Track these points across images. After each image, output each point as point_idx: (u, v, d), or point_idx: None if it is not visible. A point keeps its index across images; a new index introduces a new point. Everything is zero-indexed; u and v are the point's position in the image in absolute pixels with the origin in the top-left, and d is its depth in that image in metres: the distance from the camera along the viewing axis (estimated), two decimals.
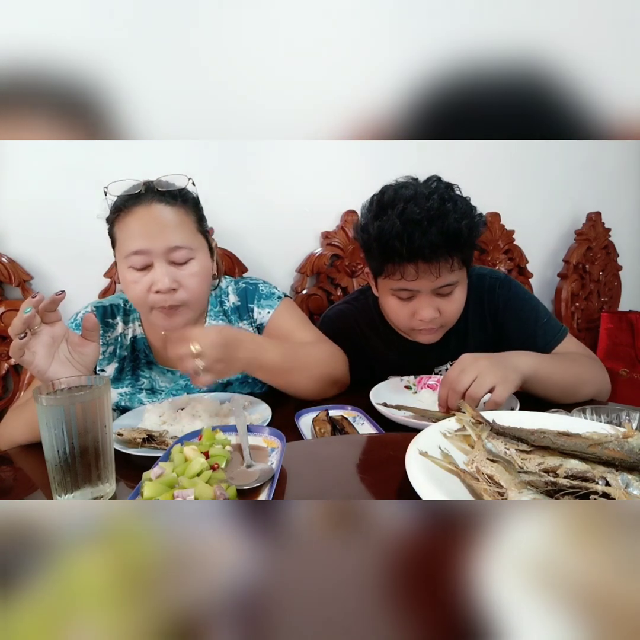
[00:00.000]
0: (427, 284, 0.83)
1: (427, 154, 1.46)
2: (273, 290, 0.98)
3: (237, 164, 1.32)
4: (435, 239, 0.78)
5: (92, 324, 0.68)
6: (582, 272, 1.82)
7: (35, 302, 0.61)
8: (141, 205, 0.80)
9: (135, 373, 0.92)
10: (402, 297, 0.88)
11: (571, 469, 0.42)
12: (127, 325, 0.93)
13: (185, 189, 0.86)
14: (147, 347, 0.93)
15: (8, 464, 0.70)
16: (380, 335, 1.03)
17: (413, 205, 0.80)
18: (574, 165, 1.80)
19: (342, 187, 1.44)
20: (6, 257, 1.12)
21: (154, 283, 0.78)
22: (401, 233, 0.78)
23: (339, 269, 1.43)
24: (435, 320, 0.87)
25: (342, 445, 0.60)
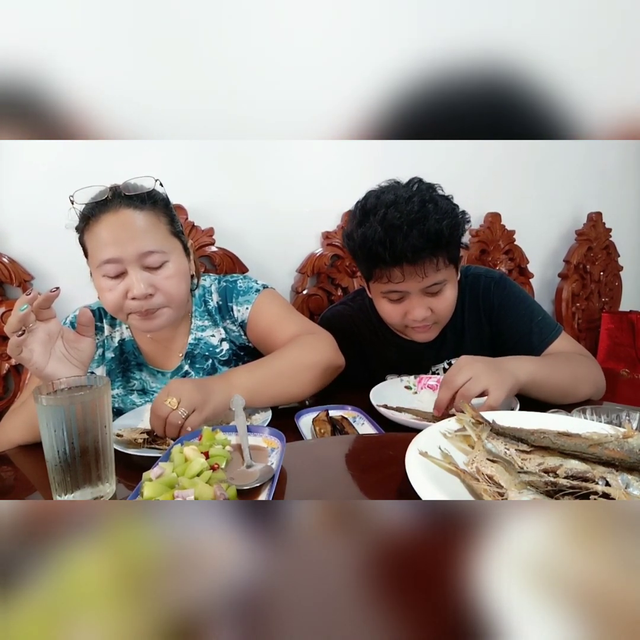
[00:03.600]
0: (414, 285, 0.85)
1: (427, 154, 1.46)
2: (251, 284, 0.95)
3: (237, 164, 1.32)
4: (416, 242, 0.79)
5: (87, 319, 0.68)
6: (583, 273, 1.82)
7: (29, 299, 0.61)
8: (109, 213, 0.77)
9: (126, 375, 0.92)
10: (392, 298, 0.89)
11: (571, 469, 0.42)
12: (114, 328, 0.93)
13: (154, 190, 0.82)
14: (136, 349, 0.93)
15: (8, 464, 0.70)
16: (378, 335, 1.04)
17: (394, 210, 0.81)
18: (575, 165, 1.80)
19: (342, 187, 1.43)
20: (7, 257, 1.12)
21: (129, 290, 0.77)
22: (383, 239, 0.80)
23: (340, 269, 1.43)
24: (428, 319, 0.89)
25: (342, 445, 0.60)
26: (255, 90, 0.41)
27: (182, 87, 0.41)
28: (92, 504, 0.45)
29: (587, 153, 1.82)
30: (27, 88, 0.39)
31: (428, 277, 0.83)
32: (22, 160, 1.12)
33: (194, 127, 0.42)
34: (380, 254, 0.81)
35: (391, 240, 0.79)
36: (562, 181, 1.79)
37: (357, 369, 0.95)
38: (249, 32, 0.39)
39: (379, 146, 1.45)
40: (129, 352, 0.93)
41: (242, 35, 0.40)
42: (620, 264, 1.92)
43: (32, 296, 0.61)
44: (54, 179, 1.15)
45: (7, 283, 1.13)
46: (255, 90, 0.41)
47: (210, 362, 0.94)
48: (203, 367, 0.94)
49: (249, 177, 1.33)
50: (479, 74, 0.40)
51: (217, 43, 0.40)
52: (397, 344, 1.02)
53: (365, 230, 0.83)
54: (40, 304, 0.62)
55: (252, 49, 0.40)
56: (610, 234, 1.87)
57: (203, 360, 0.94)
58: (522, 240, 1.68)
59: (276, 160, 1.36)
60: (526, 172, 1.71)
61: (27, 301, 0.61)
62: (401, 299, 0.88)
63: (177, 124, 0.42)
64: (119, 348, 0.93)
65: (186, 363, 0.93)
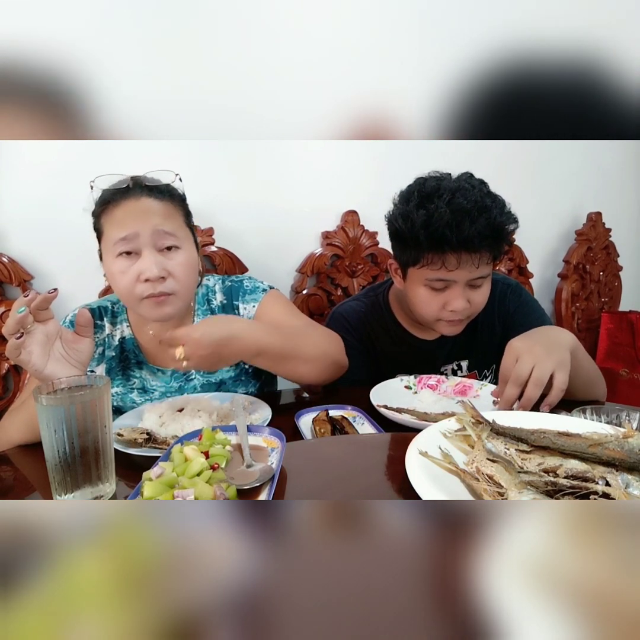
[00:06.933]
0: (465, 275, 0.85)
1: (426, 154, 1.46)
2: (258, 284, 0.97)
3: (237, 164, 1.32)
4: (483, 229, 0.79)
5: (85, 320, 0.68)
6: (583, 273, 1.82)
7: (27, 301, 0.61)
8: (129, 199, 0.80)
9: (126, 373, 0.92)
10: (436, 287, 0.88)
11: (571, 469, 0.42)
12: (115, 326, 0.94)
13: (172, 185, 0.86)
14: (136, 347, 0.93)
15: (8, 464, 0.70)
16: (390, 332, 1.04)
17: (460, 196, 0.81)
18: (574, 165, 1.80)
19: (342, 187, 1.44)
20: (6, 257, 1.13)
21: (143, 272, 0.78)
22: (451, 221, 0.79)
23: (339, 269, 1.43)
24: (465, 312, 0.89)
25: (342, 445, 0.60)
26: (255, 90, 0.41)
27: (182, 87, 0.41)
28: (92, 504, 0.45)
29: (586, 153, 1.82)
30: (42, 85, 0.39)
31: (479, 268, 0.84)
32: (22, 160, 1.12)
33: (194, 128, 0.42)
34: (446, 237, 0.80)
35: (458, 224, 0.79)
36: (562, 181, 1.79)
37: (366, 366, 0.95)
38: (249, 32, 0.39)
39: (379, 146, 1.45)
40: (129, 351, 0.93)
41: (242, 36, 0.39)
42: (620, 264, 1.92)
43: (29, 298, 0.61)
44: (54, 179, 1.15)
45: (7, 283, 1.13)
46: (256, 90, 0.41)
47: None
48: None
49: (249, 177, 1.33)
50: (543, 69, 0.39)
51: (217, 43, 0.40)
52: (408, 343, 1.03)
53: (429, 211, 0.82)
54: (38, 305, 0.62)
55: (252, 49, 0.40)
56: (610, 234, 1.87)
57: None
58: (522, 240, 1.68)
59: (276, 160, 1.36)
60: (526, 172, 1.71)
61: (25, 303, 0.61)
62: (444, 288, 0.87)
63: (177, 124, 0.42)
64: (119, 346, 0.93)
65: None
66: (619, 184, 1.94)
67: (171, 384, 0.92)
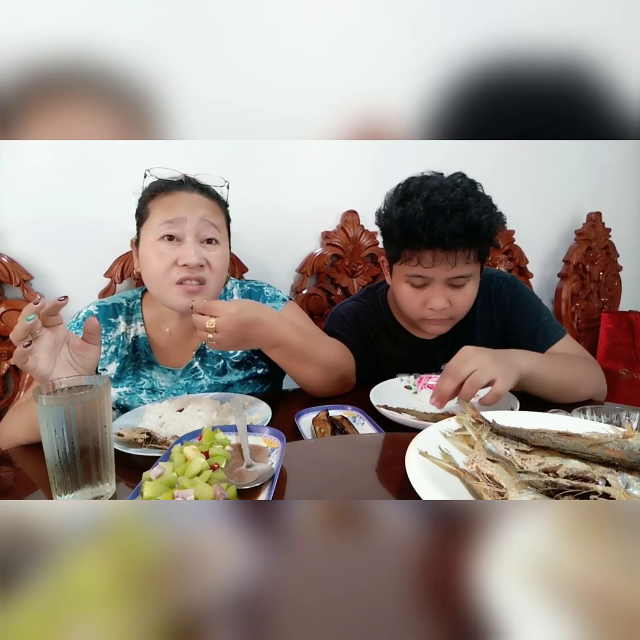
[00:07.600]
0: (442, 273, 0.85)
1: (426, 154, 1.46)
2: (277, 293, 1.00)
3: (237, 164, 1.31)
4: (456, 227, 0.79)
5: (93, 327, 0.67)
6: (582, 272, 1.82)
7: (37, 309, 0.60)
8: (183, 191, 0.85)
9: (136, 373, 0.92)
10: (415, 284, 0.89)
11: (571, 469, 0.42)
12: (130, 324, 0.93)
13: (220, 188, 0.92)
14: (147, 347, 0.93)
15: (8, 464, 0.70)
16: (389, 332, 1.05)
17: (438, 194, 0.81)
18: (574, 165, 1.80)
19: (342, 187, 1.44)
20: (6, 257, 1.12)
21: (182, 257, 0.81)
22: (423, 219, 0.80)
23: (339, 269, 1.43)
24: (446, 311, 0.89)
25: (342, 445, 0.60)
26: (255, 90, 0.41)
27: (182, 87, 0.41)
28: (92, 504, 0.45)
29: (586, 153, 1.82)
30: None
31: (457, 267, 0.84)
32: (22, 160, 1.12)
33: (194, 128, 0.42)
34: (418, 233, 0.81)
35: (431, 222, 0.80)
36: (562, 181, 1.79)
37: (366, 366, 0.96)
38: (249, 32, 0.39)
39: (379, 146, 1.45)
40: (141, 350, 0.93)
41: (242, 36, 0.39)
42: (620, 263, 1.93)
43: (39, 305, 0.60)
44: (54, 179, 1.15)
45: (7, 283, 1.13)
46: (256, 90, 0.41)
47: (222, 362, 0.95)
48: (213, 366, 0.94)
49: (249, 177, 1.33)
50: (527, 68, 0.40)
51: (217, 43, 0.40)
52: (408, 342, 1.03)
53: (405, 208, 0.83)
54: (47, 311, 0.61)
55: (252, 49, 0.40)
56: (610, 234, 1.87)
57: (214, 360, 0.95)
58: (522, 240, 1.68)
59: (276, 160, 1.36)
60: (526, 172, 1.71)
61: (35, 311, 0.60)
62: (424, 285, 0.88)
63: (177, 124, 0.42)
64: (132, 345, 0.93)
65: (197, 360, 0.94)
66: (619, 184, 1.94)
67: (179, 381, 0.92)
